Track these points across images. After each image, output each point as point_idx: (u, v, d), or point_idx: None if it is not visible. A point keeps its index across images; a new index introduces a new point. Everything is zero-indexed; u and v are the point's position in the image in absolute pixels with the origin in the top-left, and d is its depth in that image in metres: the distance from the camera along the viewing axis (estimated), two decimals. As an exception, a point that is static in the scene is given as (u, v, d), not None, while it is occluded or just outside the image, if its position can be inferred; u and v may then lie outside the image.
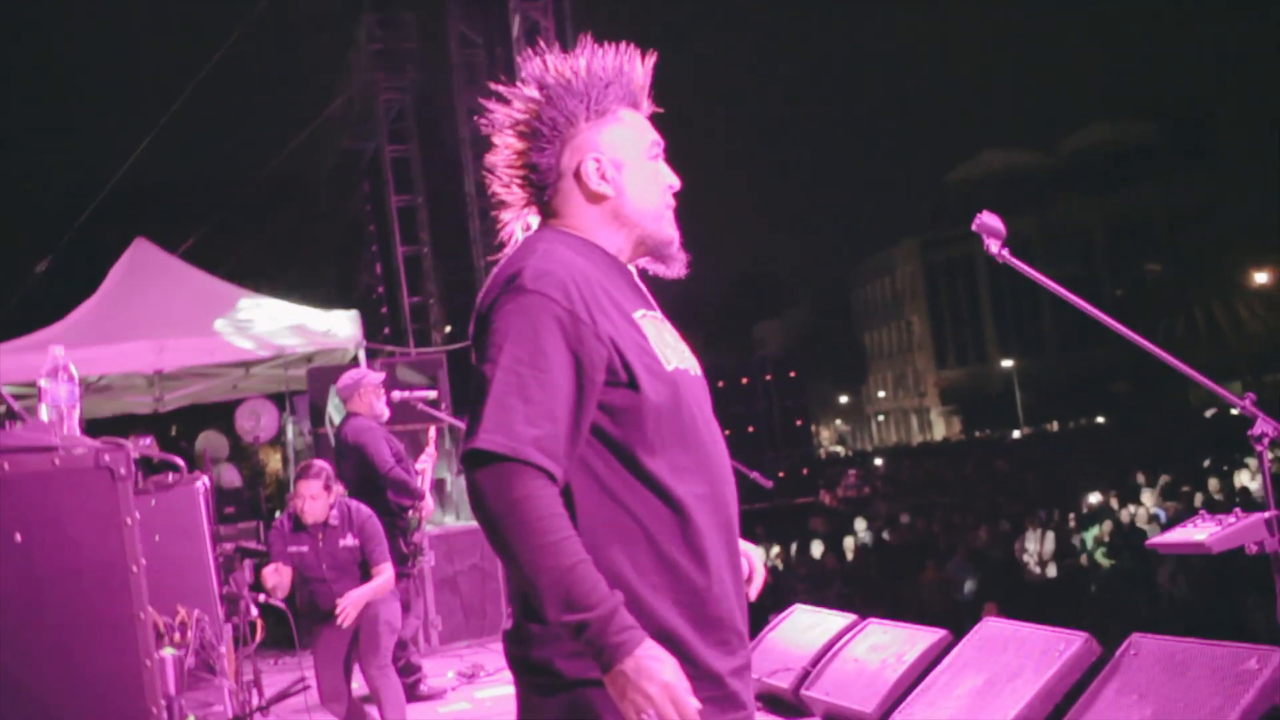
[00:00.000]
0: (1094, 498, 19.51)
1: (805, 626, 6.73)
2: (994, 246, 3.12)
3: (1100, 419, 50.75)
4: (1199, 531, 3.15)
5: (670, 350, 2.44)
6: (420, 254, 16.05)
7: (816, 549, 19.59)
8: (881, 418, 74.71)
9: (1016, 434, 50.12)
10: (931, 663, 5.73)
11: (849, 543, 20.48)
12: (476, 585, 10.11)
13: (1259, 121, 54.10)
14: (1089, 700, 4.78)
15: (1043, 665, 5.06)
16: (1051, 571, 16.61)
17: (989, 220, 3.10)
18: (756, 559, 2.66)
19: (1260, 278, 49.29)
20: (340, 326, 11.31)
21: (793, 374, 39.98)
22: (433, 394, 8.68)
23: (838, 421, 78.86)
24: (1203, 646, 4.57)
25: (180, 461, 3.96)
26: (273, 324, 11.20)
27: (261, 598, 5.92)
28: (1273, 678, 4.23)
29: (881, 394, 74.67)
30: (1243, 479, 19.14)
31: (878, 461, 43.95)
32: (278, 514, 6.94)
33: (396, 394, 8.18)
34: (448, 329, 16.37)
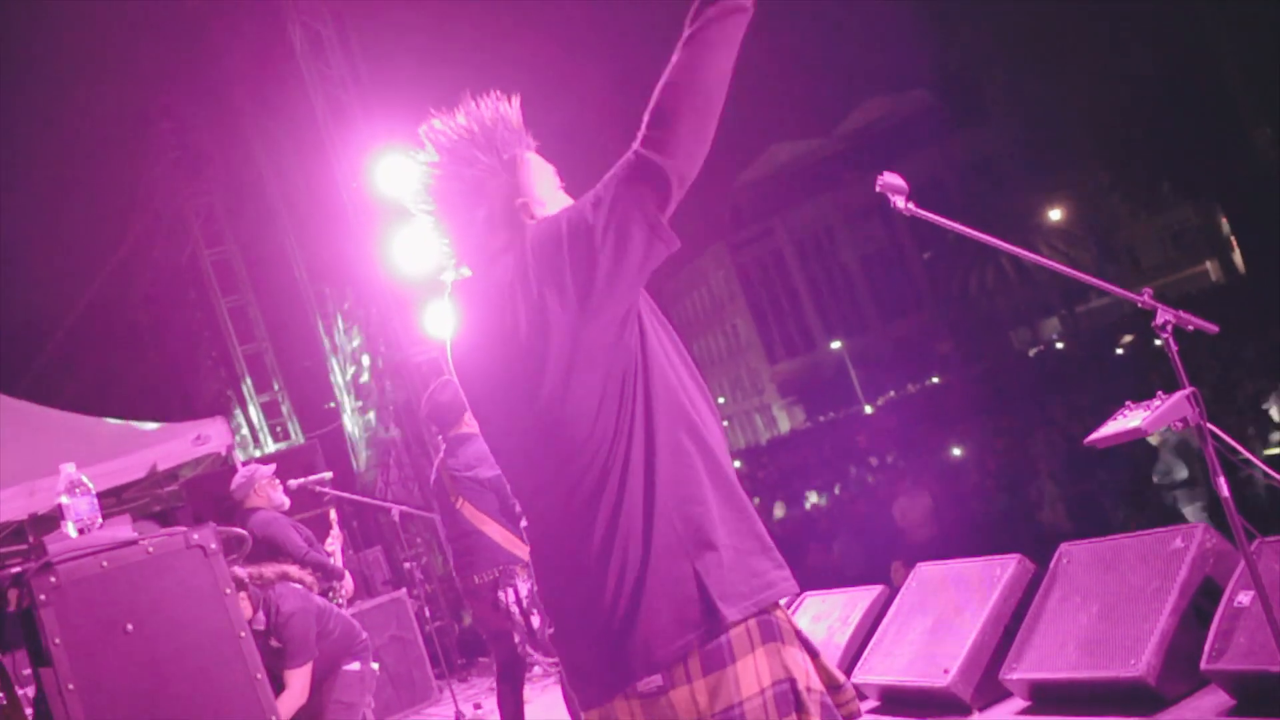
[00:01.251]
0: (957, 450, 20.13)
1: (743, 615, 6.91)
2: (900, 202, 3.34)
3: (935, 379, 52.14)
4: (1131, 419, 3.40)
5: None
6: (261, 350, 15.90)
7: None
8: (726, 423, 75.31)
9: (869, 409, 51.10)
10: (876, 618, 5.98)
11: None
12: (399, 655, 10.11)
13: (1020, 72, 56.35)
14: (1036, 614, 5.06)
15: (984, 593, 5.34)
16: (931, 530, 17.06)
17: (890, 179, 3.32)
18: None
19: (1053, 215, 51.41)
20: (206, 434, 11.21)
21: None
22: (328, 475, 8.68)
23: (684, 436, 79.24)
24: (1129, 539, 4.89)
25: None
26: (138, 443, 11.06)
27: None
28: (1200, 551, 4.56)
29: (721, 400, 75.52)
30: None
31: (737, 464, 44.44)
32: None
33: (292, 482, 8.17)
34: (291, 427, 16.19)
